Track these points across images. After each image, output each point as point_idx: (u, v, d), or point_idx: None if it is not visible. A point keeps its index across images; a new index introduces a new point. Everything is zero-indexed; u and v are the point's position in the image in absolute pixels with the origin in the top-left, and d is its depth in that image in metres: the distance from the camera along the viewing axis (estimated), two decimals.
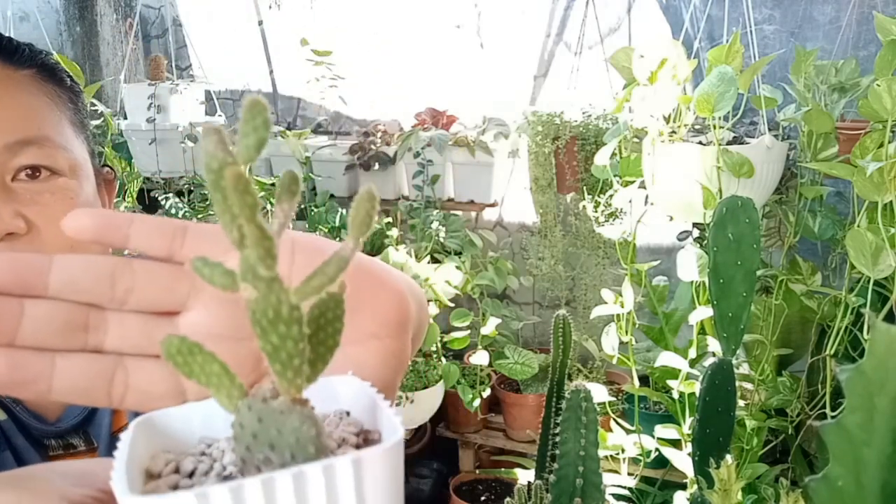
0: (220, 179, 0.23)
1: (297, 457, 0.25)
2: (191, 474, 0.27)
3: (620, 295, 1.82)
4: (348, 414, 0.30)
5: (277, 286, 0.24)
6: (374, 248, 2.16)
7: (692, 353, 1.73)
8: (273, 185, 2.41)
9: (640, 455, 1.87)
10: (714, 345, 1.70)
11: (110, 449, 0.70)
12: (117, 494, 0.24)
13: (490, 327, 2.21)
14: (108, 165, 0.77)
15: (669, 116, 1.62)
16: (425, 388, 2.14)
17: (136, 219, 0.33)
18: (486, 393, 2.25)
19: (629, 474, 1.93)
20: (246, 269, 0.24)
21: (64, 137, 0.66)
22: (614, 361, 1.88)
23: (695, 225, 1.86)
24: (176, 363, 0.26)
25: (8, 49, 0.66)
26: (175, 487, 0.26)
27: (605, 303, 1.84)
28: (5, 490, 0.29)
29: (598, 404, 0.86)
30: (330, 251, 0.36)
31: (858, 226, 1.38)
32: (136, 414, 0.81)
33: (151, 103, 2.25)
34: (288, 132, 2.39)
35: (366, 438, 0.29)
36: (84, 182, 0.67)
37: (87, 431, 0.70)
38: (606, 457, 1.90)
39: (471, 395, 2.20)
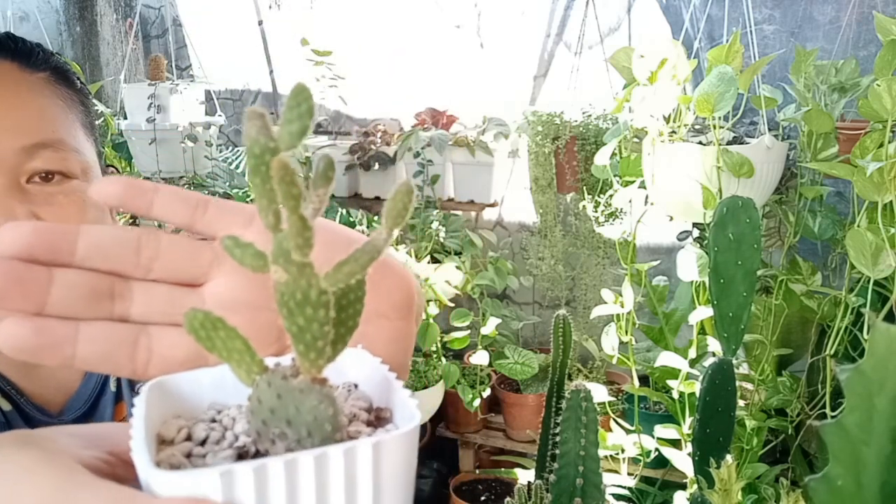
0: (261, 165, 0.23)
1: (313, 434, 0.25)
2: (203, 442, 0.27)
3: (620, 295, 1.82)
4: (356, 387, 0.30)
5: (309, 271, 0.24)
6: None
7: (692, 353, 1.73)
8: None
9: (640, 455, 1.87)
10: (714, 345, 1.70)
11: None
12: (139, 467, 0.25)
13: (490, 327, 2.21)
14: (112, 166, 0.77)
15: (669, 116, 1.62)
16: (425, 388, 2.14)
17: (161, 188, 0.34)
18: (486, 393, 2.25)
19: (629, 474, 1.93)
20: (279, 252, 0.24)
21: (77, 140, 0.67)
22: (614, 361, 1.87)
23: (695, 225, 1.86)
24: (198, 337, 0.26)
25: (23, 51, 0.67)
26: (188, 455, 0.26)
27: (605, 303, 1.84)
28: (16, 447, 0.28)
29: (598, 404, 0.86)
30: (350, 238, 0.36)
31: (858, 226, 1.38)
32: None
33: (151, 103, 2.25)
34: None
35: (377, 416, 0.29)
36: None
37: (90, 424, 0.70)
38: (606, 457, 1.90)
39: (471, 395, 2.20)
